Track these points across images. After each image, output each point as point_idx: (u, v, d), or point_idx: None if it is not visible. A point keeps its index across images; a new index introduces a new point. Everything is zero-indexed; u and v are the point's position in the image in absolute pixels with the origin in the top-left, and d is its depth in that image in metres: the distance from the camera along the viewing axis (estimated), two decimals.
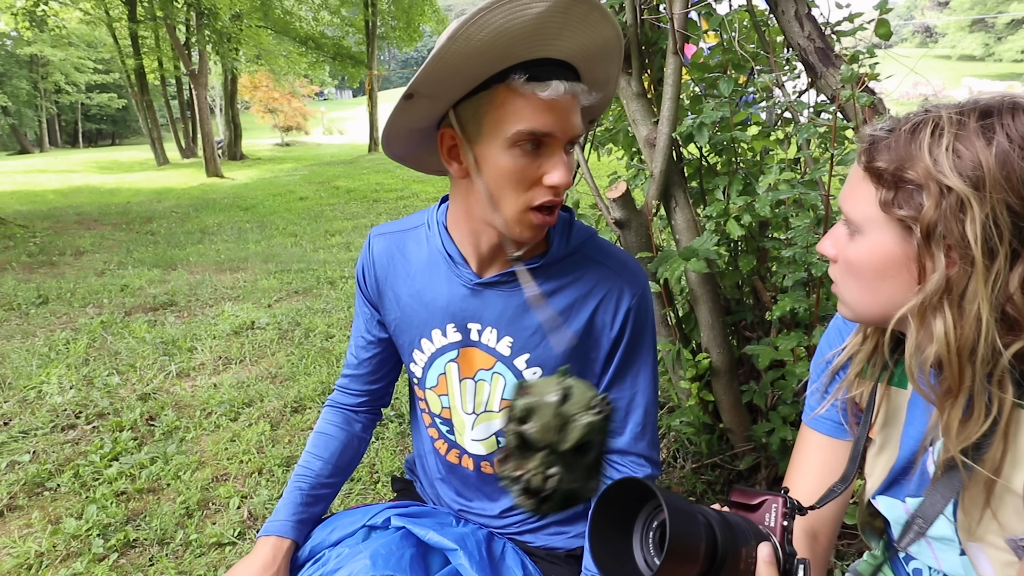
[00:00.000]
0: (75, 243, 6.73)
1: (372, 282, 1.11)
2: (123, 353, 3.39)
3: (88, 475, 2.23)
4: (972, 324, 0.62)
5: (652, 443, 1.07)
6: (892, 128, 0.67)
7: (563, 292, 1.00)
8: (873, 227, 0.68)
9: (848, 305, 0.75)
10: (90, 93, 42.05)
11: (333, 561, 1.01)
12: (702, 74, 1.77)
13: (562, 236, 1.00)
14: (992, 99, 0.64)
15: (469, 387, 1.06)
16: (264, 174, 15.25)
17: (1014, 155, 0.59)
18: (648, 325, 1.04)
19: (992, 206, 0.60)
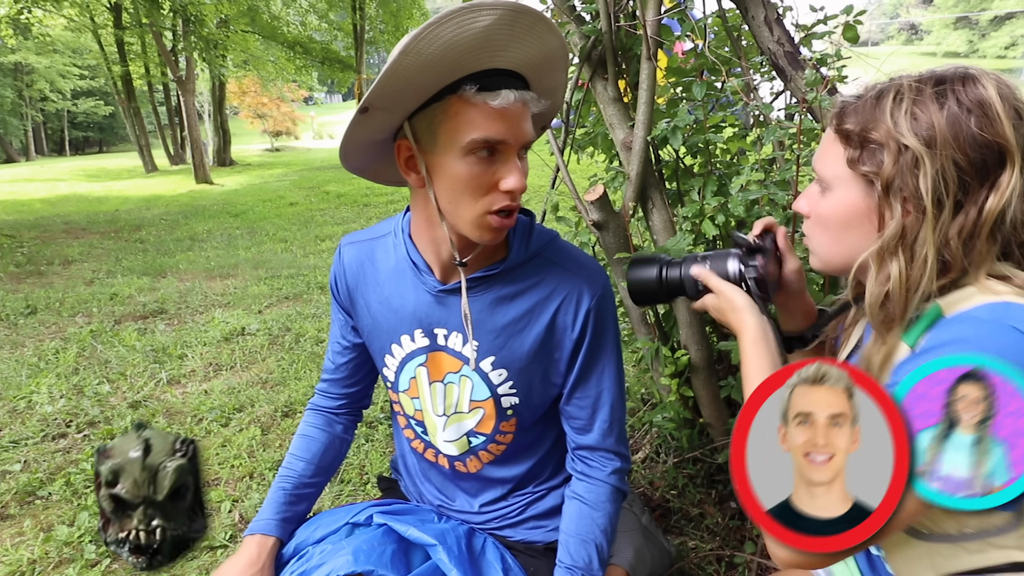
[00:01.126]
0: (63, 252, 6.71)
1: (344, 290, 1.15)
2: (113, 362, 3.40)
3: (79, 483, 2.24)
4: (920, 265, 0.71)
5: (620, 438, 1.11)
6: (860, 95, 0.76)
7: (524, 296, 1.03)
8: (841, 183, 0.77)
9: (818, 255, 0.84)
10: (76, 100, 41.73)
11: (316, 557, 1.04)
12: (678, 78, 1.82)
13: (521, 241, 1.03)
14: (946, 69, 0.73)
15: (439, 390, 1.10)
16: (254, 180, 15.21)
17: (962, 118, 0.68)
18: (609, 325, 1.07)
19: (941, 162, 0.68)
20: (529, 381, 1.06)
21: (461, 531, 1.13)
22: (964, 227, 0.69)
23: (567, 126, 1.88)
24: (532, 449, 1.15)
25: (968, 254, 0.70)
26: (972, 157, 0.68)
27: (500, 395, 1.06)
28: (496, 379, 1.05)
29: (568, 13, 1.72)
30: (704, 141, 1.62)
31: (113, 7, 17.02)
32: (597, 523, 1.06)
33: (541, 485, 1.19)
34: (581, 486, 1.09)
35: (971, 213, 0.69)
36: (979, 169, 0.68)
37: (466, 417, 1.10)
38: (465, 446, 1.12)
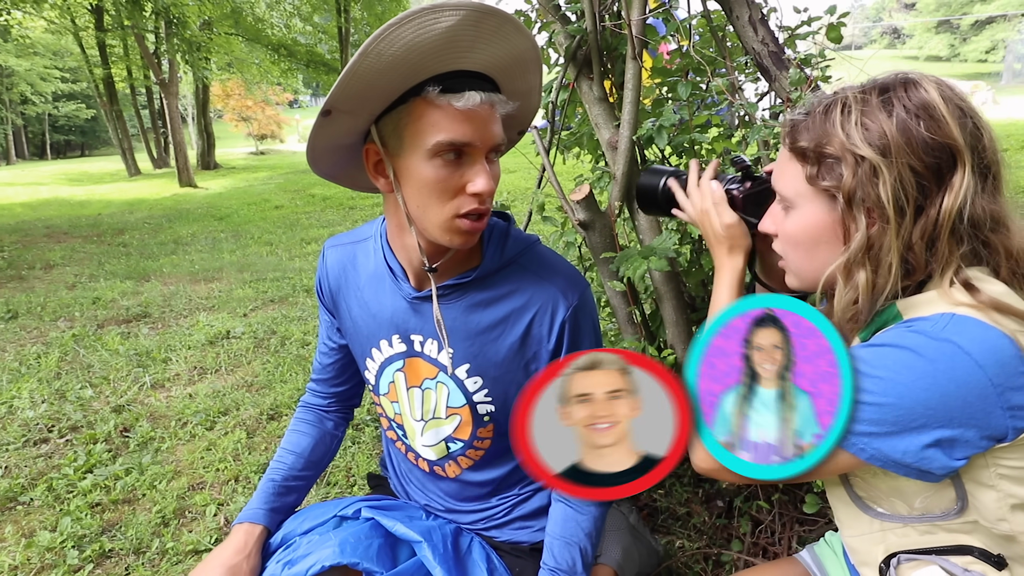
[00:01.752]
0: (45, 256, 6.62)
1: (328, 292, 1.15)
2: (96, 366, 3.36)
3: (62, 488, 2.21)
4: (885, 272, 0.71)
5: None
6: (808, 111, 0.76)
7: (497, 304, 1.01)
8: (803, 200, 0.77)
9: (794, 274, 0.84)
10: (57, 103, 41.25)
11: (303, 547, 1.04)
12: (663, 78, 1.83)
13: (496, 247, 1.01)
14: (887, 77, 0.74)
15: (416, 395, 1.09)
16: (239, 183, 15.10)
17: (911, 123, 0.69)
18: (586, 335, 1.04)
19: (898, 170, 0.69)
20: (504, 389, 1.05)
21: (448, 530, 1.13)
22: (925, 230, 0.70)
23: (553, 126, 1.88)
24: (510, 455, 1.14)
25: (932, 256, 0.71)
26: (927, 161, 0.68)
27: (476, 402, 1.06)
28: (471, 386, 1.05)
29: (553, 12, 1.73)
30: (689, 141, 1.63)
31: (94, 9, 16.85)
32: (582, 526, 1.06)
33: (526, 488, 1.19)
34: None
35: (931, 215, 0.69)
36: (935, 172, 0.69)
37: (444, 423, 1.09)
38: (443, 451, 1.12)
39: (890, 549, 0.79)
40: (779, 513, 1.67)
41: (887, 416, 0.67)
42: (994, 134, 0.72)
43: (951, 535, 0.75)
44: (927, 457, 0.66)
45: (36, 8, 14.28)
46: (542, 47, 1.88)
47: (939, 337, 0.66)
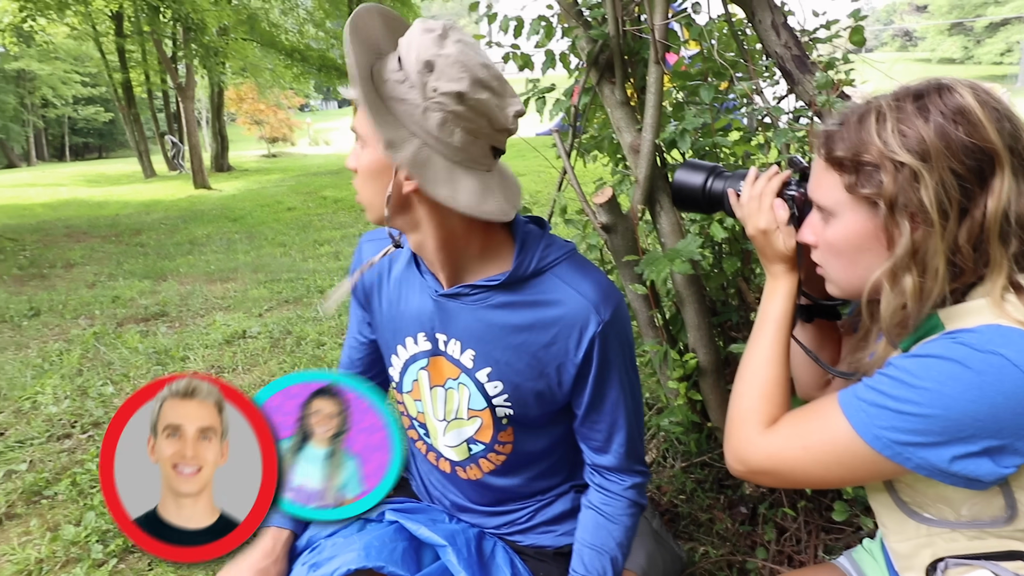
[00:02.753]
0: (65, 255, 6.72)
1: (362, 285, 1.15)
2: (116, 363, 3.40)
3: (85, 483, 2.25)
4: (932, 276, 0.71)
5: (637, 457, 1.10)
6: (842, 121, 0.76)
7: (524, 310, 0.99)
8: (844, 209, 0.77)
9: (835, 282, 0.84)
10: (77, 107, 41.78)
11: (328, 550, 1.04)
12: (684, 82, 1.83)
13: (529, 254, 0.99)
14: (920, 84, 0.74)
15: (440, 395, 1.09)
16: (251, 185, 15.22)
17: (949, 127, 0.69)
18: (616, 352, 1.01)
19: (940, 173, 0.69)
20: (524, 398, 1.03)
21: (471, 534, 1.13)
22: (972, 232, 0.70)
23: (574, 130, 1.89)
24: (534, 461, 1.14)
25: (981, 258, 0.71)
26: (968, 164, 0.69)
27: (495, 406, 1.04)
28: (492, 390, 1.03)
29: (576, 18, 1.74)
30: (712, 144, 1.64)
31: (114, 16, 17.09)
32: (614, 535, 1.06)
33: (548, 493, 1.18)
34: (598, 498, 1.09)
35: (976, 217, 0.69)
36: (976, 174, 0.69)
37: (465, 424, 1.08)
38: (465, 453, 1.12)
39: (937, 554, 0.79)
40: (805, 521, 1.66)
41: (934, 427, 0.67)
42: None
43: (1001, 541, 0.75)
44: (975, 465, 0.66)
45: (59, 15, 14.51)
46: (564, 51, 1.89)
47: (986, 349, 0.66)
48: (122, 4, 14.93)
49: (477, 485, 1.16)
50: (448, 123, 0.85)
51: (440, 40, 0.84)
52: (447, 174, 0.87)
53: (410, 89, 0.85)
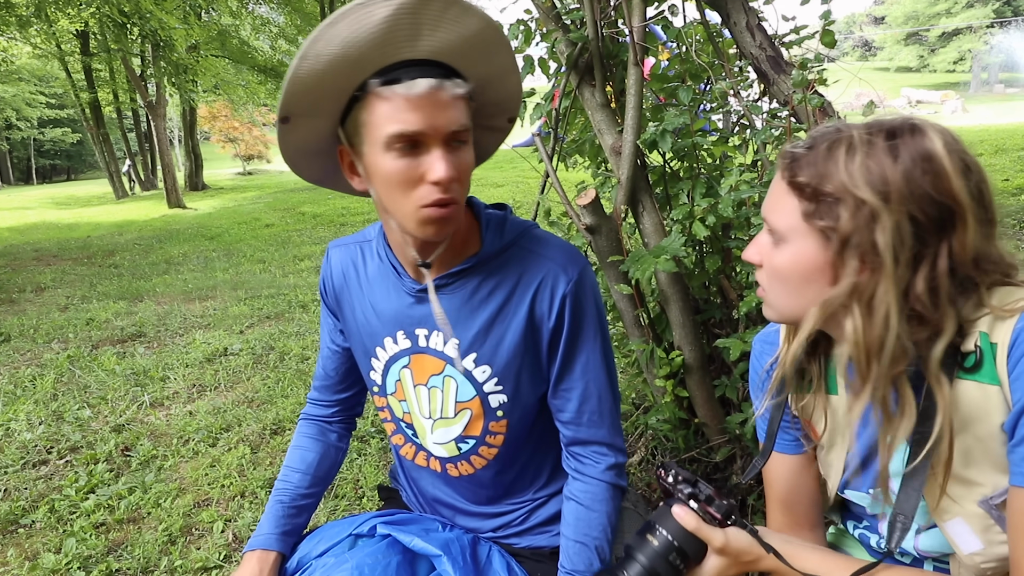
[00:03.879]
0: (35, 279, 6.56)
1: (331, 293, 1.14)
2: (93, 386, 3.33)
3: (64, 509, 2.19)
4: (880, 323, 0.70)
5: (613, 429, 1.07)
6: (811, 145, 0.74)
7: (500, 288, 1.00)
8: (796, 236, 0.74)
9: (774, 308, 0.82)
10: (43, 128, 41.07)
11: (319, 571, 1.02)
12: (661, 84, 1.86)
13: (495, 232, 1.00)
14: (894, 121, 0.72)
15: (423, 393, 1.08)
16: (227, 203, 15.07)
17: (915, 172, 0.67)
18: (589, 310, 1.02)
19: (898, 217, 0.67)
20: (516, 376, 1.03)
21: (466, 540, 1.11)
22: (934, 279, 0.68)
23: (555, 133, 1.91)
24: (524, 453, 1.13)
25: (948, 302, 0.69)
26: (928, 212, 0.67)
27: (487, 393, 1.04)
28: (480, 376, 1.03)
29: (554, 21, 1.76)
30: (692, 144, 1.66)
31: (80, 34, 16.86)
32: (595, 524, 1.04)
33: (541, 491, 1.17)
34: (576, 485, 1.07)
35: (940, 264, 0.68)
36: (936, 223, 0.68)
37: (452, 422, 1.07)
38: (454, 451, 1.11)
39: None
40: None
41: None
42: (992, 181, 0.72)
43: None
44: None
45: (22, 33, 14.27)
46: (542, 56, 1.91)
47: None
48: (87, 22, 14.73)
49: (469, 482, 1.15)
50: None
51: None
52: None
53: None
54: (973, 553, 0.77)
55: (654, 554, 0.81)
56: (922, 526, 0.83)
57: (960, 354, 0.72)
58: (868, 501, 0.89)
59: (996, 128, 12.88)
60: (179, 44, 15.17)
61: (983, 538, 0.76)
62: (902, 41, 48.41)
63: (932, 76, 43.58)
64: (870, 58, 58.79)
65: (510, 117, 1.03)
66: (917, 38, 47.33)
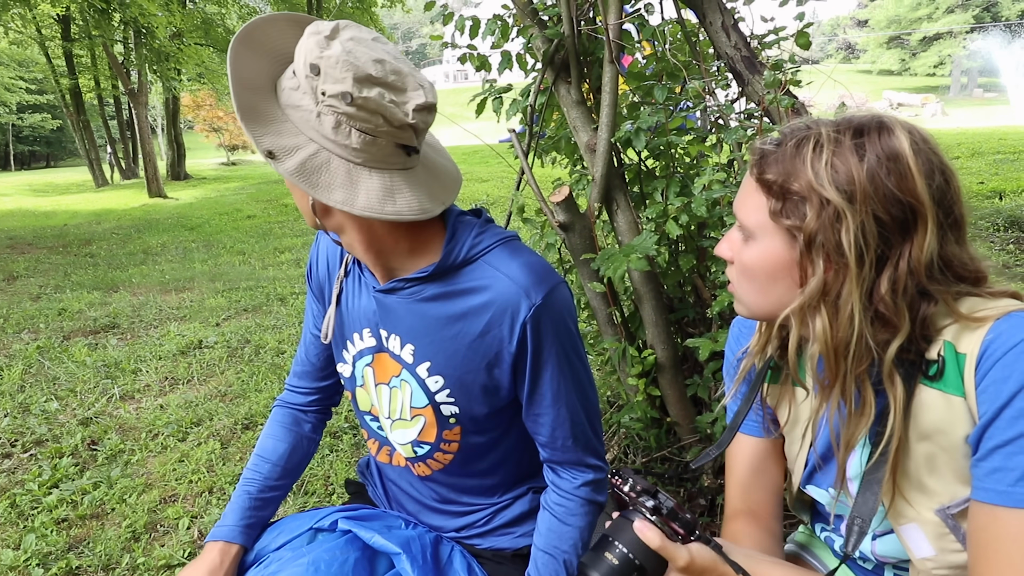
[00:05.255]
0: (8, 268, 6.44)
1: (316, 278, 1.13)
2: (62, 378, 3.26)
3: (25, 504, 2.14)
4: (846, 323, 0.69)
5: (588, 449, 1.04)
6: (780, 142, 0.73)
7: (456, 300, 0.96)
8: (764, 234, 0.74)
9: (744, 303, 0.81)
10: (22, 114, 40.31)
11: (275, 565, 1.00)
12: (638, 82, 1.85)
13: (459, 243, 0.96)
14: (863, 118, 0.71)
15: (384, 392, 1.07)
16: (209, 193, 14.89)
17: (881, 171, 0.66)
18: (554, 336, 0.96)
19: (862, 217, 0.66)
20: (467, 391, 1.00)
21: (428, 539, 1.09)
22: (896, 280, 0.67)
23: (531, 129, 1.89)
24: (484, 459, 1.11)
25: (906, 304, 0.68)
26: (892, 213, 0.66)
27: (439, 403, 1.02)
28: (433, 386, 1.00)
29: (530, 17, 1.74)
30: (666, 143, 1.65)
31: (61, 19, 16.55)
32: (566, 538, 1.02)
33: (505, 495, 1.16)
34: (552, 497, 1.06)
35: (901, 266, 0.67)
36: (900, 224, 0.67)
37: (409, 425, 1.06)
38: (411, 452, 1.10)
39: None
40: None
41: None
42: (960, 184, 0.70)
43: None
44: None
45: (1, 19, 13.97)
46: (519, 52, 1.89)
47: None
48: (69, 7, 14.46)
49: (430, 481, 1.14)
50: (342, 125, 0.83)
51: (326, 41, 0.82)
52: (346, 177, 0.84)
53: (303, 95, 0.84)
54: (925, 558, 0.77)
55: (612, 573, 0.76)
56: (880, 531, 0.83)
57: (924, 361, 0.72)
58: (827, 499, 0.89)
59: (974, 131, 13.08)
60: (160, 31, 14.92)
61: (936, 545, 0.76)
62: (884, 44, 48.94)
63: (913, 79, 44.14)
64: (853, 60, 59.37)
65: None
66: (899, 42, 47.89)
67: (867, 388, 0.73)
